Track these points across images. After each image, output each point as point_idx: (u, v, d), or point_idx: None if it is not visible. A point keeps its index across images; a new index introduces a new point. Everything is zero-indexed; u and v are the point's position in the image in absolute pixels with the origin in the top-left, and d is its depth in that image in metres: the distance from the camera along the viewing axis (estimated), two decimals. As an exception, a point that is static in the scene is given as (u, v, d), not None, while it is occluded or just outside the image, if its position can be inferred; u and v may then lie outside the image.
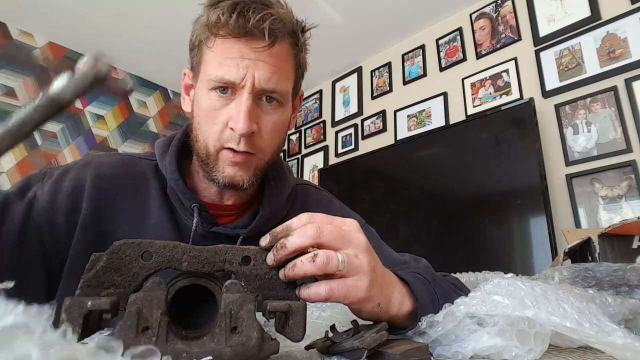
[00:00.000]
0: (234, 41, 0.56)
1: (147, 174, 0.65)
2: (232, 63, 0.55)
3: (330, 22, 2.46)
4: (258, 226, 0.64)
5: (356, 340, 0.37)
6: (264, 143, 0.59)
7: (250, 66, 0.55)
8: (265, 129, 0.59)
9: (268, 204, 0.66)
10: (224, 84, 0.56)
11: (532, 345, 0.38)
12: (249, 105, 0.56)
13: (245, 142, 0.57)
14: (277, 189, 0.69)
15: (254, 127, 0.57)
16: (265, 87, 0.56)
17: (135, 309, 0.30)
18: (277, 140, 0.62)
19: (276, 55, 0.57)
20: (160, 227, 0.62)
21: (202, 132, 0.60)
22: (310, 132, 3.10)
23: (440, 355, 0.41)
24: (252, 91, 0.56)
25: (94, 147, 2.74)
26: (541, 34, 2.01)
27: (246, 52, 0.55)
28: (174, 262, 0.34)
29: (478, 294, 0.41)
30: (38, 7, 2.36)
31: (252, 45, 0.55)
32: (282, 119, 0.61)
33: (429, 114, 2.38)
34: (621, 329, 0.37)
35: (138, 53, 2.78)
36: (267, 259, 0.37)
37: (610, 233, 0.79)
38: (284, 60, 0.59)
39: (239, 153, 0.58)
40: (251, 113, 0.56)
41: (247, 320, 0.32)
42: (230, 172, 0.59)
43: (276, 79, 0.57)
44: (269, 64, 0.56)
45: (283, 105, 0.61)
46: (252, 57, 0.55)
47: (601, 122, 1.74)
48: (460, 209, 1.94)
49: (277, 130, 0.61)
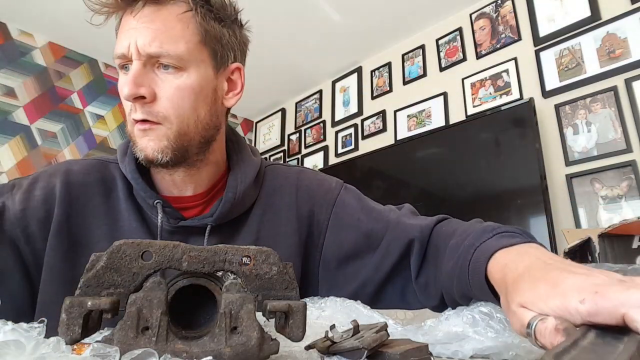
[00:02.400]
0: (125, 16, 0.58)
1: (115, 177, 0.65)
2: (123, 36, 0.57)
3: (330, 22, 2.46)
4: (223, 212, 0.63)
5: (356, 340, 0.37)
6: (165, 110, 0.57)
7: (133, 35, 0.56)
8: (164, 95, 0.57)
9: (231, 189, 0.64)
10: (120, 59, 0.57)
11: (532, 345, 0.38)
12: (135, 70, 0.55)
13: (140, 108, 0.56)
14: (240, 172, 0.66)
15: (141, 91, 0.55)
16: (149, 51, 0.55)
17: (135, 309, 0.30)
18: (186, 108, 0.58)
19: (161, 19, 0.57)
20: (130, 228, 0.61)
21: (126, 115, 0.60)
22: (310, 132, 3.10)
23: (440, 354, 0.41)
24: (138, 57, 0.55)
25: (94, 147, 2.74)
26: (541, 34, 2.01)
27: (132, 23, 0.56)
28: (174, 262, 0.34)
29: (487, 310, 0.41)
30: (38, 7, 2.37)
31: (135, 14, 0.56)
32: (187, 84, 0.58)
33: (429, 114, 2.38)
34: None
35: (138, 53, 2.78)
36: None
37: (610, 233, 0.79)
38: (172, 22, 0.57)
39: (141, 122, 0.57)
40: (137, 77, 0.55)
41: (247, 320, 0.32)
42: (142, 144, 0.58)
43: (160, 41, 0.56)
44: (151, 28, 0.56)
45: (184, 70, 0.58)
46: (135, 25, 0.56)
47: (601, 122, 1.74)
48: (460, 209, 1.94)
49: (183, 97, 0.58)
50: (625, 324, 0.27)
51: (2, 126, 2.38)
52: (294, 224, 0.68)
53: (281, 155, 3.29)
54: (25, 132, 2.46)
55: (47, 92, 2.60)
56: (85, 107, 2.76)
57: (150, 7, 0.56)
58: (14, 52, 2.50)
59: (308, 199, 0.70)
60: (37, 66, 2.58)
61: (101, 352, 0.27)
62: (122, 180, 0.64)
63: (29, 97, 2.52)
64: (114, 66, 3.01)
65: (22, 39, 2.55)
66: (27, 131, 2.47)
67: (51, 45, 2.67)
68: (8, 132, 2.40)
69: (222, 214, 0.63)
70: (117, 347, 0.29)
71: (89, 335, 0.32)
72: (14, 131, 2.42)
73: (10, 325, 0.24)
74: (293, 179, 0.72)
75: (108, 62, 2.91)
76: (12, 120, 2.43)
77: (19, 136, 2.44)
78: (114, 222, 0.62)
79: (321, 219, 0.69)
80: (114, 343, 0.29)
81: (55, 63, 2.67)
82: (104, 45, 2.72)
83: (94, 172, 0.65)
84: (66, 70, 2.71)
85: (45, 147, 2.53)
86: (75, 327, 0.29)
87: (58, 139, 2.60)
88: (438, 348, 0.41)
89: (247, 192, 0.66)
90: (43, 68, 2.61)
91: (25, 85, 2.51)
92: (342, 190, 0.73)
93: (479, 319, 0.40)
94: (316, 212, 0.70)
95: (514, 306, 0.34)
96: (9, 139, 2.39)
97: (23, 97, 2.49)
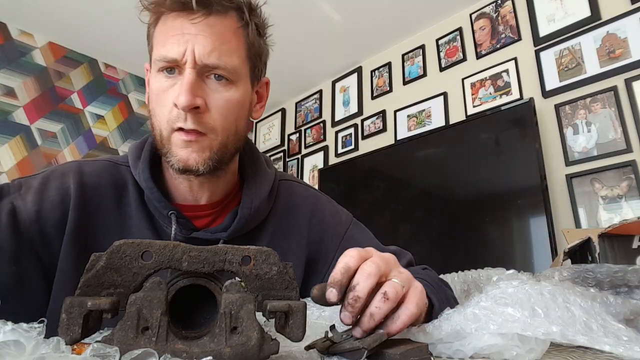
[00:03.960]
0: (174, 16, 0.55)
1: (127, 181, 0.64)
2: (174, 40, 0.54)
3: (330, 22, 2.46)
4: (238, 228, 0.62)
5: (356, 340, 0.37)
6: (214, 122, 0.57)
7: (190, 41, 0.54)
8: (215, 106, 0.57)
9: (247, 204, 0.64)
10: (167, 63, 0.55)
11: (532, 344, 0.38)
12: (191, 80, 0.54)
13: (192, 118, 0.55)
14: (255, 186, 0.66)
15: (197, 102, 0.54)
16: (207, 62, 0.55)
17: (135, 309, 0.30)
18: (230, 121, 0.59)
19: (219, 30, 0.56)
20: (141, 236, 0.60)
21: (156, 117, 0.58)
22: (310, 132, 3.10)
23: (441, 353, 0.41)
24: (194, 66, 0.54)
25: (94, 147, 2.74)
26: (541, 34, 2.01)
27: (187, 26, 0.54)
28: (174, 262, 0.34)
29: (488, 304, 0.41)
30: (38, 7, 2.36)
31: (191, 18, 0.54)
32: (236, 97, 0.58)
33: (429, 114, 2.38)
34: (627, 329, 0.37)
35: (138, 53, 2.78)
36: (343, 317, 0.37)
37: (610, 233, 0.79)
38: (228, 35, 0.57)
39: (189, 132, 0.55)
40: (193, 87, 0.54)
41: (247, 320, 0.32)
42: (184, 155, 0.56)
43: (218, 53, 0.55)
44: (210, 37, 0.55)
45: (234, 84, 0.58)
46: (192, 32, 0.54)
47: (601, 122, 1.74)
48: (460, 209, 1.94)
49: (230, 110, 0.58)
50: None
51: (2, 126, 2.38)
52: (304, 247, 0.69)
53: (281, 155, 3.29)
54: (25, 132, 2.46)
55: (47, 92, 2.60)
56: (85, 107, 2.76)
57: (207, 15, 0.55)
58: (14, 52, 2.50)
59: (320, 226, 0.72)
60: (37, 66, 2.58)
61: (101, 352, 0.27)
62: (134, 185, 0.63)
63: (29, 97, 2.51)
64: (113, 66, 3.02)
65: (22, 39, 2.55)
66: (27, 131, 2.47)
67: (51, 45, 2.67)
68: (8, 132, 2.40)
69: (235, 231, 0.62)
70: (117, 347, 0.29)
71: (89, 335, 0.32)
72: (14, 131, 2.42)
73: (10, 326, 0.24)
74: (309, 203, 0.74)
75: (108, 62, 2.91)
76: (12, 120, 2.42)
77: (19, 136, 2.44)
78: (125, 230, 0.61)
79: (330, 248, 0.71)
80: (114, 343, 0.29)
81: (55, 63, 2.67)
82: (104, 45, 2.72)
83: (106, 174, 0.63)
84: (66, 70, 2.71)
85: (45, 147, 2.53)
86: (75, 327, 0.29)
87: (58, 139, 2.60)
88: (439, 347, 0.41)
89: (261, 206, 0.66)
90: (43, 68, 2.61)
91: (25, 85, 2.51)
92: (352, 225, 0.75)
93: (481, 316, 0.40)
94: (325, 242, 0.71)
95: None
96: (9, 139, 2.39)
97: (23, 97, 2.49)
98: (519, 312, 0.39)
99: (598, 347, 0.37)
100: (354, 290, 0.37)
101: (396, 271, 0.42)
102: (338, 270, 0.39)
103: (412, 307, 0.40)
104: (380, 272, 0.39)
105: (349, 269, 0.39)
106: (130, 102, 2.99)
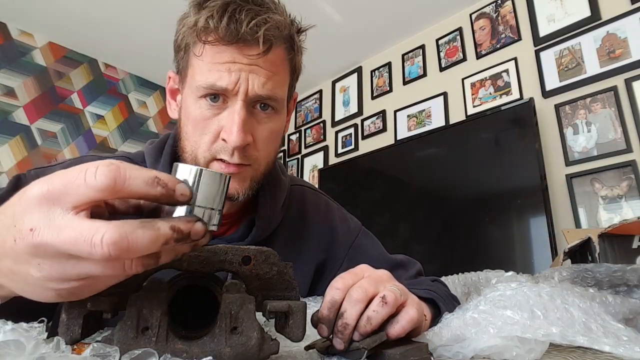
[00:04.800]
0: (224, 46, 0.51)
1: None
2: (224, 68, 0.51)
3: (330, 22, 2.46)
4: (255, 238, 0.62)
5: (356, 340, 0.37)
6: (258, 153, 0.56)
7: (244, 71, 0.51)
8: (260, 138, 0.55)
9: (264, 214, 0.63)
10: (215, 91, 0.52)
11: (532, 344, 0.38)
12: (244, 116, 0.52)
13: (239, 154, 0.53)
14: (272, 196, 0.65)
15: (249, 139, 0.53)
16: (261, 93, 0.52)
17: (135, 309, 0.30)
18: (273, 150, 0.59)
19: (271, 61, 0.53)
20: None
21: (191, 142, 0.56)
22: (310, 132, 3.10)
23: (441, 355, 0.41)
24: (245, 98, 0.52)
25: (94, 147, 2.74)
26: (541, 34, 2.01)
27: (239, 57, 0.51)
28: (174, 262, 0.34)
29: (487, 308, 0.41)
30: (38, 7, 2.36)
31: (245, 52, 0.51)
32: (278, 126, 0.58)
33: (429, 114, 2.38)
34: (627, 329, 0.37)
35: (138, 53, 2.78)
36: (337, 345, 0.37)
37: (610, 233, 0.79)
38: (279, 66, 0.55)
39: (232, 165, 0.54)
40: (245, 124, 0.52)
41: (247, 321, 0.32)
42: None
43: (271, 85, 0.53)
44: (264, 69, 0.52)
45: (278, 113, 0.57)
46: (245, 62, 0.51)
47: (601, 122, 1.74)
48: (460, 209, 1.94)
49: (273, 140, 0.58)
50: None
51: (2, 126, 2.38)
52: (314, 254, 0.70)
53: (281, 155, 3.29)
54: (25, 132, 2.46)
55: (47, 92, 2.60)
56: (85, 107, 2.76)
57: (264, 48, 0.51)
58: (14, 52, 2.50)
59: (330, 234, 0.72)
60: (37, 66, 2.58)
61: (101, 352, 0.27)
62: None
63: (29, 97, 2.51)
64: (113, 66, 3.02)
65: (22, 39, 2.55)
66: (27, 131, 2.47)
67: (51, 45, 2.67)
68: (8, 132, 2.40)
69: (253, 240, 0.62)
70: (117, 347, 0.29)
71: (89, 335, 0.32)
72: (14, 131, 2.42)
73: (10, 325, 0.24)
74: (320, 210, 0.74)
75: (108, 62, 2.91)
76: (12, 120, 2.42)
77: (19, 136, 2.44)
78: None
79: (338, 256, 0.71)
80: (114, 343, 0.29)
81: (55, 63, 2.67)
82: (104, 45, 2.72)
83: None
84: (66, 70, 2.71)
85: (45, 147, 2.53)
86: (75, 327, 0.29)
87: (58, 139, 2.60)
88: (439, 350, 0.41)
89: (276, 215, 0.66)
90: (43, 68, 2.61)
91: (25, 85, 2.51)
92: (360, 234, 0.76)
93: (480, 320, 0.40)
94: (334, 249, 0.71)
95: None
96: (9, 139, 2.39)
97: (23, 97, 2.49)
98: (518, 315, 0.39)
99: (598, 347, 0.37)
100: (342, 318, 0.37)
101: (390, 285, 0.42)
102: (325, 305, 0.38)
103: (412, 311, 0.39)
104: (368, 295, 0.39)
105: (335, 302, 0.38)
106: (130, 102, 2.99)
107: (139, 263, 0.27)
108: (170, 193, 0.27)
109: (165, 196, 0.27)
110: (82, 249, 0.25)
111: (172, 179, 0.28)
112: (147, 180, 0.27)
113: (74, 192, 0.26)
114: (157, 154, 0.63)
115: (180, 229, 0.27)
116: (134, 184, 0.26)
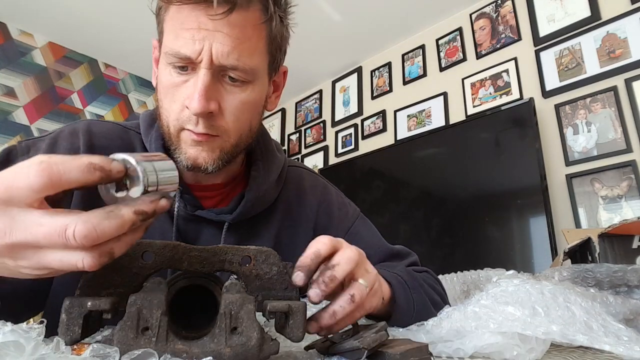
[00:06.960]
0: (190, 8, 0.49)
1: (135, 147, 0.61)
2: (188, 35, 0.49)
3: (330, 22, 2.46)
4: (244, 211, 0.61)
5: (356, 340, 0.37)
6: (227, 124, 0.54)
7: (208, 38, 0.49)
8: (229, 109, 0.53)
9: (254, 188, 0.62)
10: (180, 59, 0.50)
11: (533, 344, 0.38)
12: (206, 83, 0.50)
13: (204, 123, 0.52)
14: (264, 170, 0.64)
15: (211, 107, 0.51)
16: (225, 63, 0.50)
17: (135, 309, 0.30)
18: (245, 121, 0.56)
19: (240, 25, 0.50)
20: None
21: (164, 110, 0.55)
22: (310, 132, 3.10)
23: (442, 352, 0.41)
24: (209, 67, 0.50)
25: (94, 147, 2.74)
26: (541, 34, 2.01)
27: (204, 21, 0.48)
28: (174, 262, 0.34)
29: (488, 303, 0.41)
30: (38, 7, 2.36)
31: (210, 13, 0.48)
32: (251, 98, 0.55)
33: (429, 114, 2.38)
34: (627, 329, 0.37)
35: (138, 53, 2.78)
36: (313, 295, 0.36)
37: (610, 233, 0.79)
38: (249, 31, 0.51)
39: (198, 134, 0.53)
40: (208, 91, 0.50)
41: (247, 321, 0.32)
42: (193, 153, 0.54)
43: (238, 53, 0.50)
44: (230, 35, 0.49)
45: (250, 83, 0.54)
46: (210, 28, 0.49)
47: (601, 122, 1.74)
48: (460, 209, 1.94)
49: (245, 111, 0.55)
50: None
51: (2, 126, 2.38)
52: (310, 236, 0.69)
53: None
54: (25, 132, 2.46)
55: (47, 92, 2.60)
56: (85, 107, 2.76)
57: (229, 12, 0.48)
58: (14, 52, 2.50)
59: (327, 218, 0.71)
60: (37, 66, 2.58)
61: (101, 352, 0.27)
62: (143, 151, 0.61)
63: (29, 97, 2.51)
64: (113, 66, 3.02)
65: (22, 39, 2.55)
66: (27, 131, 2.47)
67: (51, 45, 2.67)
68: (8, 132, 2.40)
69: (241, 214, 0.61)
70: (117, 347, 0.29)
71: (89, 335, 0.32)
72: (14, 131, 2.42)
73: (10, 326, 0.24)
74: (318, 192, 0.73)
75: (108, 62, 2.91)
76: (12, 120, 2.42)
77: (19, 136, 2.43)
78: None
79: None
80: (114, 343, 0.29)
81: (55, 63, 2.67)
82: (104, 45, 2.72)
83: (116, 137, 0.61)
84: (66, 70, 2.71)
85: (45, 147, 2.53)
86: (75, 327, 0.29)
87: (58, 139, 2.59)
88: (439, 346, 0.41)
89: (268, 190, 0.65)
90: (43, 68, 2.61)
91: (25, 85, 2.51)
92: (358, 220, 0.75)
93: (481, 314, 0.40)
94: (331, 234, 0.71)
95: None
96: (9, 139, 2.39)
97: (23, 97, 2.49)
98: (519, 311, 0.39)
99: (598, 346, 0.37)
100: (332, 270, 0.37)
101: (363, 269, 0.43)
102: (308, 255, 0.38)
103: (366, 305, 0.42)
104: (357, 262, 0.39)
105: (319, 255, 0.38)
106: (130, 102, 2.99)
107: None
108: (108, 174, 0.29)
109: (105, 178, 0.29)
110: (57, 243, 0.27)
111: (106, 160, 0.29)
112: (82, 168, 0.28)
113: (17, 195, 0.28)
114: (152, 120, 0.62)
115: (144, 210, 0.30)
116: (71, 176, 0.28)
